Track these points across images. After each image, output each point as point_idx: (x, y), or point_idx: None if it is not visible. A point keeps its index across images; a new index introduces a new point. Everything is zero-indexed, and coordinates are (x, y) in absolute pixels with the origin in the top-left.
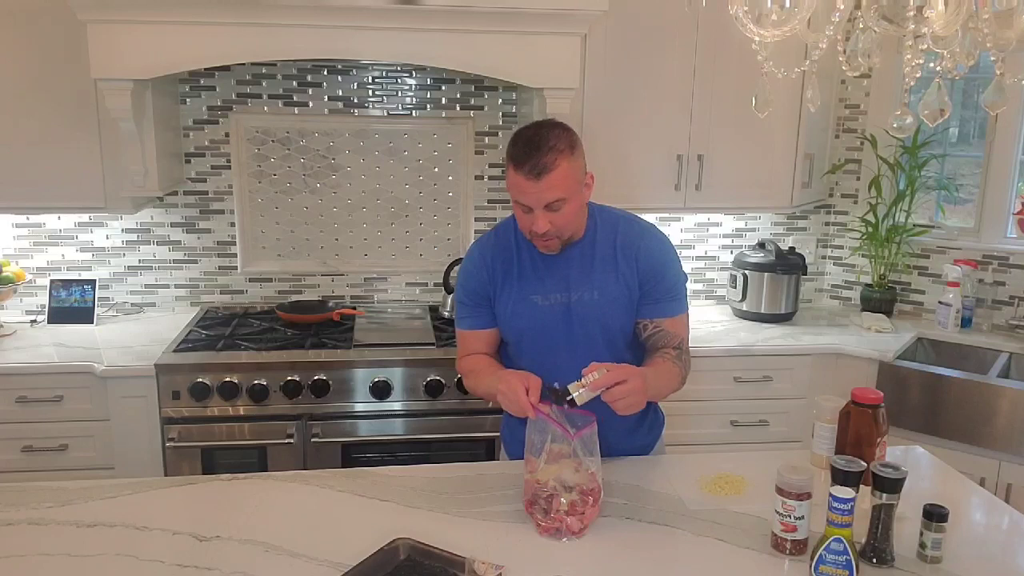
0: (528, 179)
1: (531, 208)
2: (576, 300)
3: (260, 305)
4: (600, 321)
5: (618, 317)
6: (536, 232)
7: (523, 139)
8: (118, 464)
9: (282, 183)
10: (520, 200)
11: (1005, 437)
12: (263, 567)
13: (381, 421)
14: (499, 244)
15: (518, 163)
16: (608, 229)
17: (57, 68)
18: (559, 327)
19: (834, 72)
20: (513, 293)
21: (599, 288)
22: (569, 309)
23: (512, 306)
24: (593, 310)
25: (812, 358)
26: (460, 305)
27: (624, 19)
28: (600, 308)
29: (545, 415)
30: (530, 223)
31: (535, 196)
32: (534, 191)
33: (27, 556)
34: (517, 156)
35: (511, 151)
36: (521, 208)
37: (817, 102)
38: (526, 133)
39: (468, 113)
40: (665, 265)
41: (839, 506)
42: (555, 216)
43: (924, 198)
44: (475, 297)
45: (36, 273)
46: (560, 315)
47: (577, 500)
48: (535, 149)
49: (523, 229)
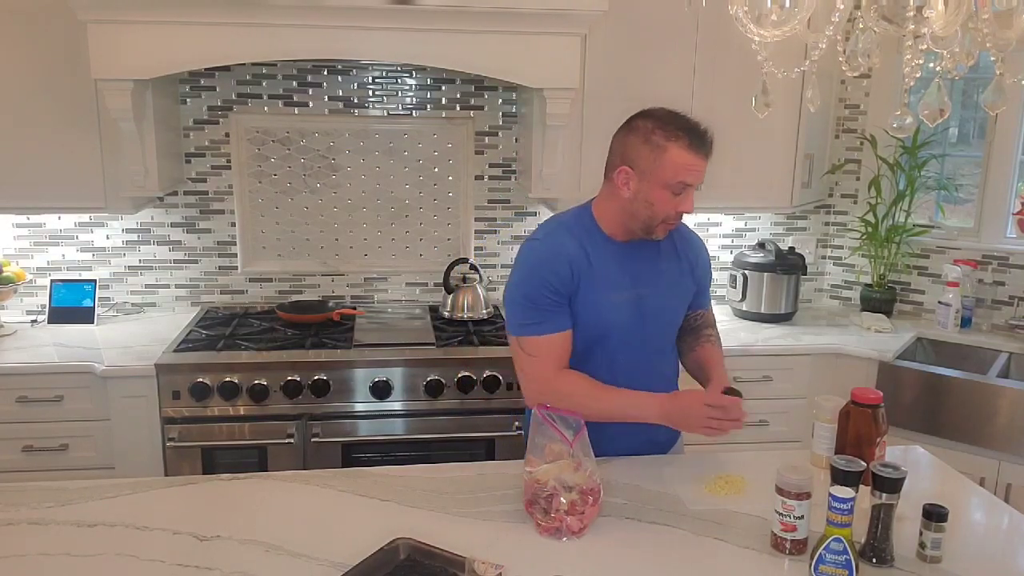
0: (700, 158)
1: (688, 187)
2: (646, 295)
3: (260, 305)
4: (666, 315)
5: (680, 310)
6: (687, 211)
7: (681, 121)
8: (118, 464)
9: (282, 183)
10: (686, 179)
11: (1005, 437)
12: (263, 567)
13: (381, 421)
14: (572, 238)
15: (698, 142)
16: None
17: (57, 68)
18: (631, 322)
19: (834, 72)
20: (594, 289)
21: (665, 283)
22: (639, 304)
23: (593, 304)
24: (661, 304)
25: (812, 358)
26: (533, 309)
27: (624, 19)
28: (667, 302)
29: (545, 418)
30: (677, 204)
31: (701, 174)
32: (703, 169)
33: (27, 556)
34: (690, 136)
35: (675, 132)
36: (676, 189)
37: (817, 102)
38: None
39: (468, 113)
40: (709, 259)
41: (839, 506)
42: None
43: (924, 198)
44: (557, 295)
45: (36, 273)
46: (632, 310)
47: (577, 500)
48: (701, 129)
49: (661, 214)
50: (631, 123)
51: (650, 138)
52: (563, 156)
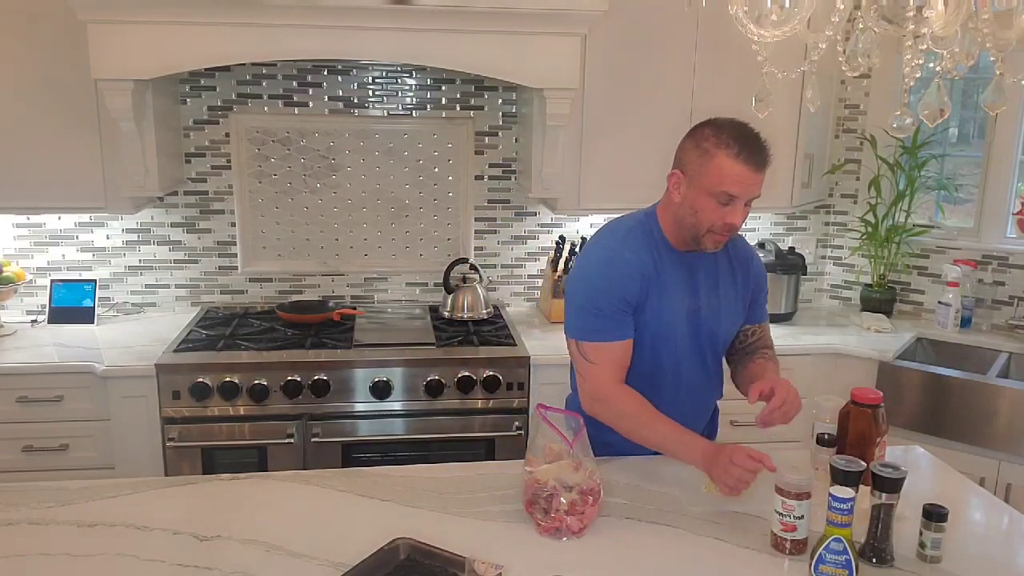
0: (751, 170)
1: (735, 199)
2: (704, 307)
3: (260, 305)
4: (719, 327)
5: (732, 324)
6: (734, 224)
7: (738, 130)
8: (118, 464)
9: (282, 183)
10: (733, 191)
11: (1005, 437)
12: (263, 567)
13: (381, 421)
14: (645, 247)
15: (745, 152)
16: None
17: (57, 68)
18: (688, 334)
19: (834, 72)
20: (661, 299)
21: (720, 295)
22: (697, 315)
23: (659, 314)
24: (714, 317)
25: (812, 358)
26: (599, 313)
27: (624, 19)
28: (720, 315)
29: (544, 419)
30: (725, 216)
31: (751, 188)
32: (753, 183)
33: (27, 556)
34: (741, 146)
35: (726, 140)
36: (721, 199)
37: (817, 102)
38: (735, 124)
39: (468, 113)
40: (765, 273)
41: (839, 506)
42: (745, 211)
43: (924, 198)
44: (625, 304)
45: (36, 273)
46: (688, 321)
47: (577, 500)
48: (760, 142)
49: (704, 223)
50: (694, 128)
51: (702, 143)
52: (563, 156)
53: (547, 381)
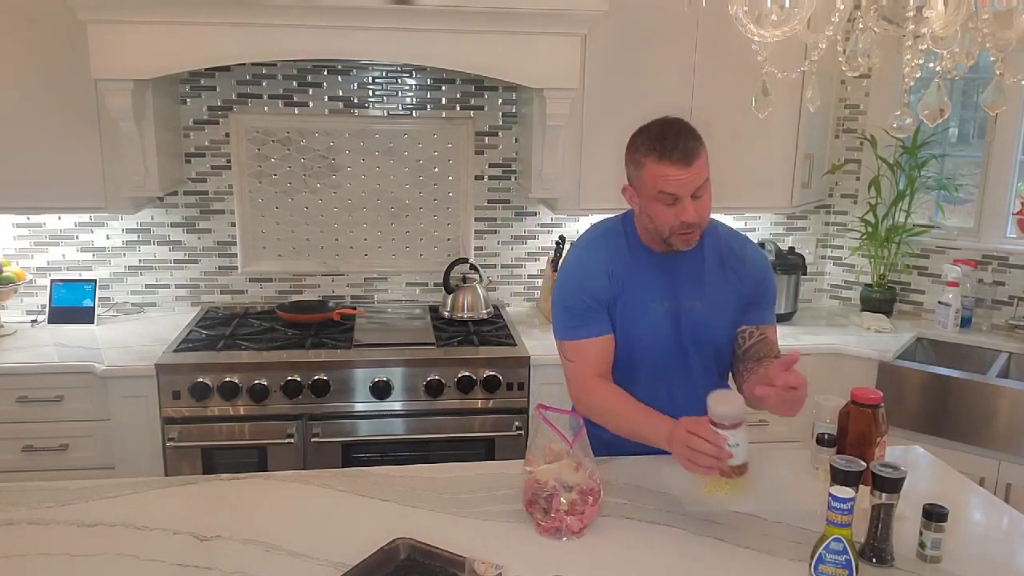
0: (678, 166)
1: (678, 198)
2: (687, 308)
3: (260, 305)
4: (707, 330)
5: (724, 326)
6: (687, 221)
7: (657, 132)
8: (118, 464)
9: (282, 183)
10: (668, 190)
11: (1005, 437)
12: (263, 567)
13: (381, 421)
14: (612, 247)
15: (665, 153)
16: (712, 236)
17: (57, 68)
18: (669, 335)
19: (834, 72)
20: (632, 299)
21: (710, 296)
22: (678, 316)
23: (631, 313)
24: (701, 318)
25: (812, 358)
26: (572, 314)
27: (624, 19)
28: (708, 316)
29: (544, 419)
30: (677, 214)
31: (687, 183)
32: (686, 177)
33: (27, 556)
34: (662, 147)
35: (648, 144)
36: (665, 201)
37: (817, 102)
38: (656, 127)
39: (468, 113)
40: (768, 274)
41: (839, 506)
42: (699, 204)
43: (924, 198)
44: (595, 301)
45: (36, 273)
46: (671, 322)
47: (577, 500)
48: (679, 137)
49: (663, 226)
50: (629, 139)
51: (634, 155)
52: (563, 156)
53: (547, 381)
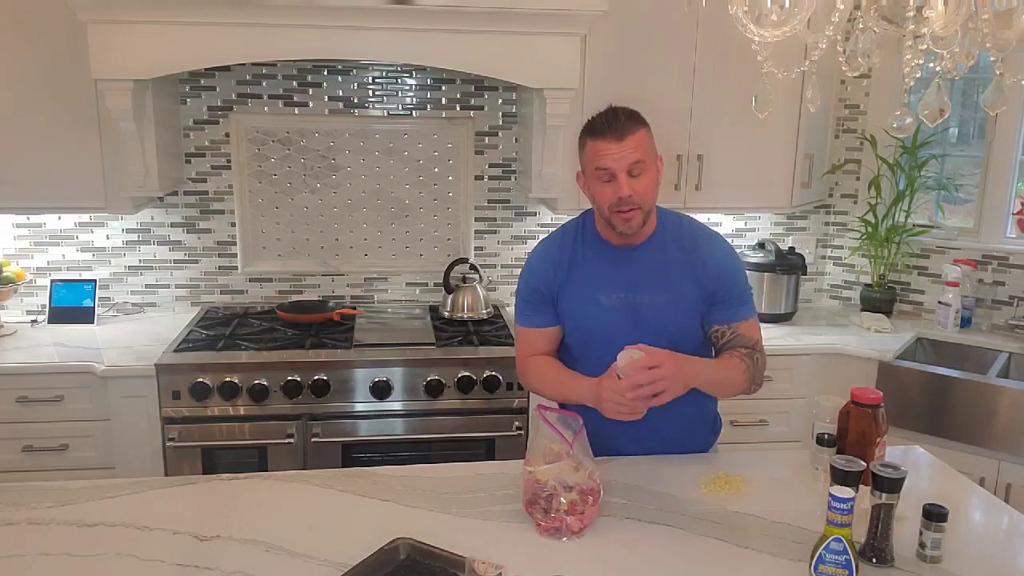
0: (610, 142)
1: (614, 175)
2: (643, 301)
3: (260, 305)
4: (667, 324)
5: (685, 320)
6: (622, 197)
7: (598, 116)
8: (118, 464)
9: (282, 183)
10: (602, 164)
11: (1005, 437)
12: (263, 567)
13: (381, 421)
14: (564, 242)
15: (598, 132)
16: (674, 230)
17: (57, 68)
18: (624, 328)
19: (834, 72)
20: (579, 291)
21: (668, 290)
22: (635, 310)
23: (578, 305)
24: (661, 312)
25: (812, 358)
26: (523, 303)
27: (624, 19)
28: (668, 310)
29: (544, 419)
30: (613, 192)
31: (618, 157)
32: (617, 152)
33: (27, 556)
34: (596, 127)
35: (587, 129)
36: (602, 178)
37: (817, 102)
38: (600, 113)
39: (468, 113)
40: (735, 270)
41: (839, 506)
42: (636, 183)
43: (924, 198)
44: (538, 295)
45: (36, 273)
46: (626, 316)
47: (577, 500)
48: (614, 118)
49: (602, 205)
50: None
51: (579, 141)
52: (563, 156)
53: None
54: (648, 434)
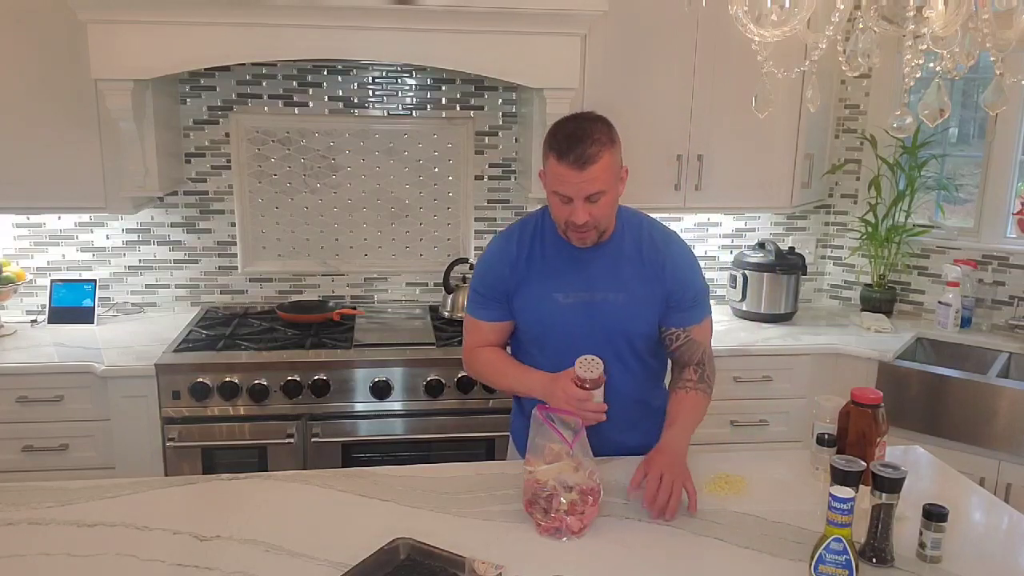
0: (572, 170)
1: (571, 199)
2: (600, 300)
3: (260, 305)
4: (624, 323)
5: (642, 320)
6: (575, 223)
7: (565, 131)
8: (118, 464)
9: (282, 183)
10: (560, 191)
11: (1005, 437)
12: (263, 567)
13: (381, 421)
14: (523, 239)
15: (561, 154)
16: (633, 230)
17: (57, 68)
18: (581, 326)
19: (834, 72)
20: (535, 289)
21: (625, 289)
22: (592, 308)
23: (534, 302)
24: (617, 311)
25: (812, 358)
26: (475, 294)
27: (624, 19)
28: (625, 310)
29: (544, 419)
30: (568, 214)
31: (577, 186)
32: (577, 181)
33: (27, 556)
34: (560, 147)
35: (552, 142)
36: (560, 199)
37: (817, 102)
38: (568, 125)
39: (468, 113)
40: (692, 272)
41: (839, 506)
42: (594, 208)
43: (924, 198)
44: (492, 290)
45: (36, 273)
46: (582, 314)
47: (577, 500)
48: (579, 140)
49: (559, 220)
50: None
51: (544, 145)
52: None
53: None
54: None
